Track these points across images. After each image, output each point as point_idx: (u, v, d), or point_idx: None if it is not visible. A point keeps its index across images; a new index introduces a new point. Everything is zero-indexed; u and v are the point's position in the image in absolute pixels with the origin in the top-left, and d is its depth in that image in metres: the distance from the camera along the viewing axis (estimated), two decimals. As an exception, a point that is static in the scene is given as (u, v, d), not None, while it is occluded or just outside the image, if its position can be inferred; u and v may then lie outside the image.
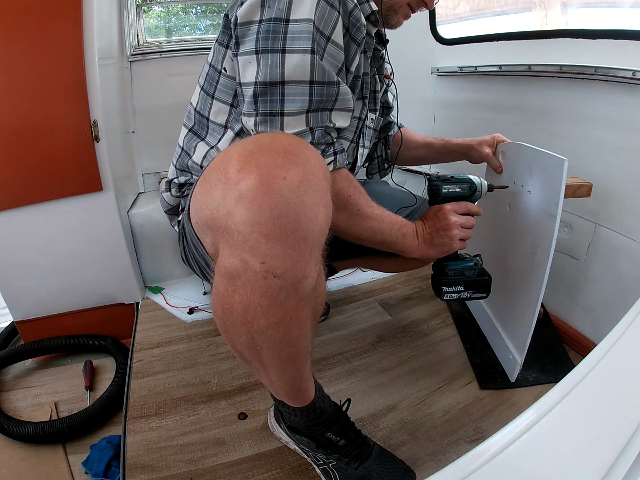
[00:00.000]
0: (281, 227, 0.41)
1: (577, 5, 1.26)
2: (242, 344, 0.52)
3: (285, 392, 0.64)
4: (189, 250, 0.73)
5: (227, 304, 0.48)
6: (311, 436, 0.72)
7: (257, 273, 0.43)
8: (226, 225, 0.43)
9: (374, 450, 0.74)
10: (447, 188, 0.79)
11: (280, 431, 0.81)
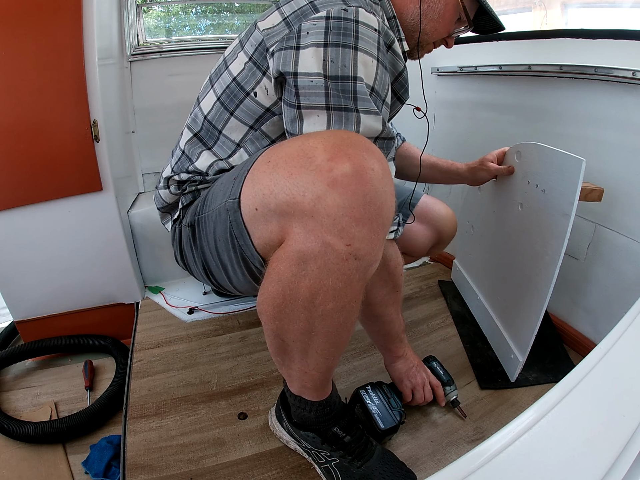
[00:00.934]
0: (370, 212, 0.46)
1: (577, 5, 1.26)
2: (295, 331, 0.55)
3: (315, 384, 0.66)
4: (189, 249, 0.72)
5: (291, 289, 0.50)
6: (318, 431, 0.73)
7: (340, 255, 0.47)
8: (313, 209, 0.45)
9: (376, 449, 0.74)
10: None
11: (281, 430, 0.81)
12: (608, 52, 0.98)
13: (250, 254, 0.57)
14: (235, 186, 0.56)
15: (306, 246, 0.47)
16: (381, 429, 0.78)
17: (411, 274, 1.54)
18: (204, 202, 0.67)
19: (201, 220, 0.66)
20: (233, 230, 0.57)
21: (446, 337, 1.16)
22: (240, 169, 0.59)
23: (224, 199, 0.59)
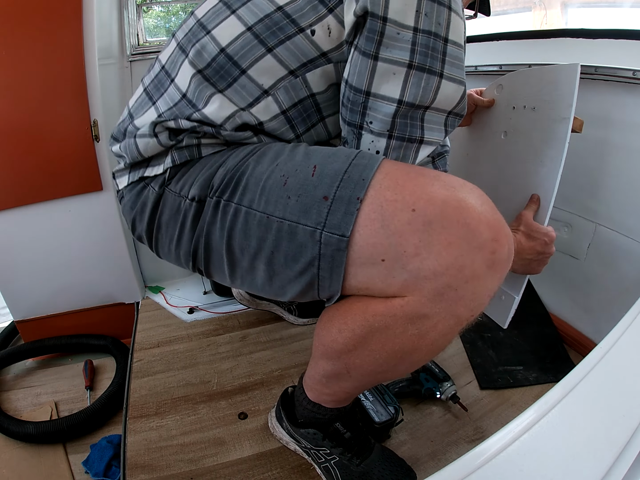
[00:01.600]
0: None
1: (577, 5, 1.26)
2: (371, 372, 0.56)
3: (348, 397, 0.69)
4: (178, 226, 0.57)
5: (396, 344, 0.50)
6: (320, 427, 0.73)
7: (461, 323, 0.49)
8: (463, 286, 0.44)
9: (375, 447, 0.75)
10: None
11: (281, 431, 0.81)
12: (608, 52, 0.98)
13: (327, 286, 0.49)
14: (334, 214, 0.45)
15: (432, 311, 0.46)
16: (377, 422, 0.79)
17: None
18: (237, 185, 0.52)
19: (232, 210, 0.51)
20: (319, 263, 0.47)
21: (446, 337, 1.16)
22: (333, 178, 0.47)
23: (306, 221, 0.46)
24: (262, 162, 0.52)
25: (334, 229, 0.45)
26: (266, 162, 0.52)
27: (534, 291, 1.27)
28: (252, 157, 0.54)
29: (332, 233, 0.45)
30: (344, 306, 0.53)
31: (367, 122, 0.54)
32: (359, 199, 0.44)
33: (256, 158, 0.53)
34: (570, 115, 0.76)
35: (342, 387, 0.63)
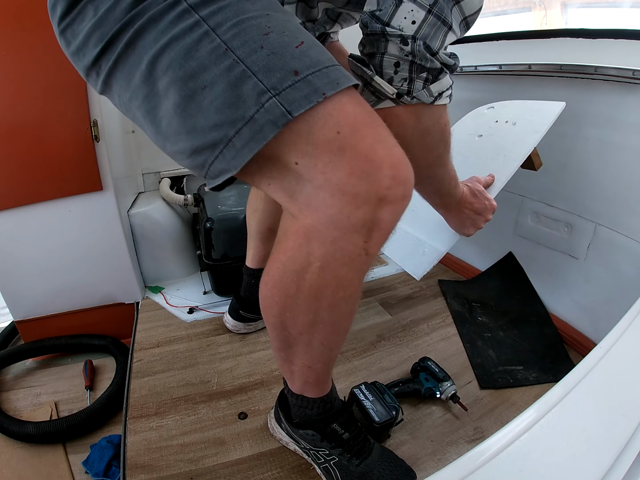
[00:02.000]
0: (391, 229, 0.49)
1: (577, 5, 1.26)
2: (304, 322, 0.53)
3: (317, 378, 0.65)
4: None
5: (304, 278, 0.49)
6: (317, 428, 0.72)
7: (357, 248, 0.47)
8: (356, 213, 0.46)
9: (374, 447, 0.74)
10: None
11: (280, 432, 0.81)
12: (608, 52, 0.98)
13: (230, 156, 0.43)
14: (295, 90, 0.40)
15: (328, 237, 0.45)
16: (377, 422, 0.78)
17: (411, 274, 1.54)
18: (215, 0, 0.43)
19: (192, 20, 0.42)
20: (244, 126, 0.41)
21: (446, 337, 1.16)
22: (313, 63, 0.42)
23: (264, 78, 0.41)
24: (254, 1, 0.45)
25: (285, 102, 0.40)
26: (258, 3, 0.45)
27: (534, 291, 1.27)
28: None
29: (282, 104, 0.40)
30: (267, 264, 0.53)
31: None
32: (324, 94, 0.41)
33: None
34: (544, 131, 0.87)
35: (302, 361, 0.61)
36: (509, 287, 1.33)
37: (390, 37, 0.53)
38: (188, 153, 0.46)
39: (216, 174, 0.45)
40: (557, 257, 1.20)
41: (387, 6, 0.52)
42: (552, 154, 1.18)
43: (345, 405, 0.77)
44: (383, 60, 0.55)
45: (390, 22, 0.52)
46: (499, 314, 1.26)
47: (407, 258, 0.98)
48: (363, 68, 0.57)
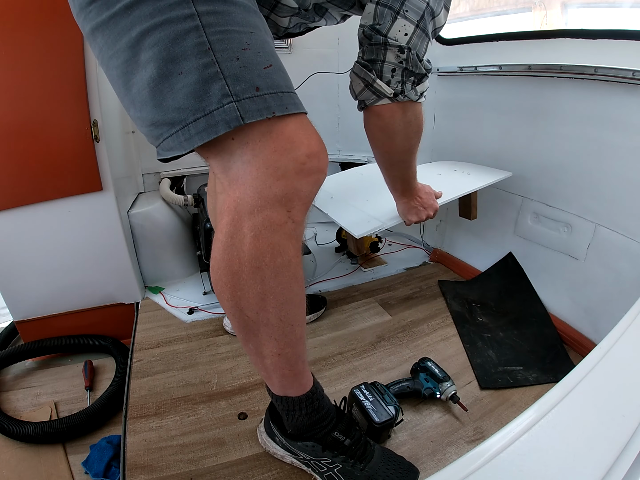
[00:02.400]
0: (310, 200, 0.55)
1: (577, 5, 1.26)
2: (255, 296, 0.55)
3: (292, 367, 0.64)
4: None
5: (242, 250, 0.52)
6: (317, 438, 0.71)
7: (282, 218, 0.52)
8: (276, 184, 0.51)
9: (375, 449, 0.74)
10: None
11: (274, 446, 0.78)
12: (608, 52, 0.98)
13: (182, 138, 0.48)
14: (252, 103, 0.47)
15: (255, 206, 0.50)
16: (377, 422, 0.78)
17: (411, 274, 1.54)
18: None
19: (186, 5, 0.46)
20: (202, 117, 0.47)
21: (446, 337, 1.16)
22: (274, 85, 0.49)
23: (232, 84, 0.46)
24: (244, 17, 0.50)
25: (242, 109, 0.47)
26: (247, 20, 0.50)
27: (534, 291, 1.27)
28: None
29: (238, 110, 0.46)
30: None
31: (403, 10, 0.69)
32: (274, 113, 0.48)
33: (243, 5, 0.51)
34: (486, 183, 1.21)
35: (269, 348, 0.60)
36: (509, 287, 1.33)
37: (390, 47, 0.71)
38: (148, 123, 0.51)
39: (167, 148, 0.51)
40: (557, 257, 1.21)
41: (386, 21, 0.69)
42: (552, 154, 1.19)
43: (341, 410, 0.76)
44: (383, 66, 0.73)
45: (388, 35, 0.70)
46: (499, 315, 1.26)
47: (352, 222, 1.08)
48: (367, 72, 0.74)
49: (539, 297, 1.25)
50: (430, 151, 1.66)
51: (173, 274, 1.47)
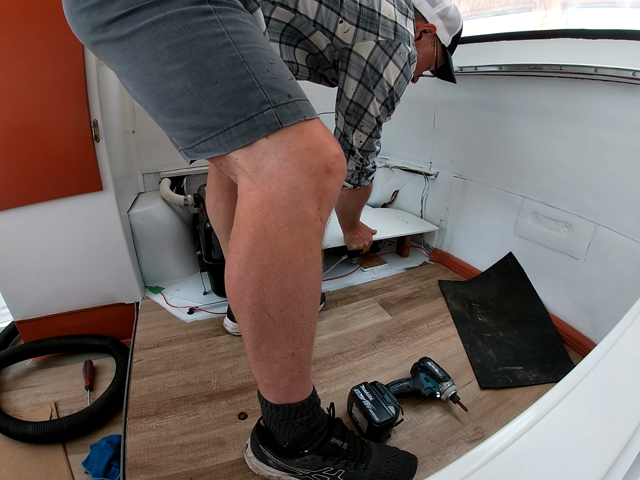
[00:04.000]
0: (333, 203, 0.60)
1: (577, 5, 1.26)
2: (283, 293, 0.55)
3: (302, 368, 0.63)
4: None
5: (276, 244, 0.53)
6: (314, 448, 0.70)
7: (314, 214, 0.56)
8: (310, 180, 0.54)
9: (371, 446, 0.75)
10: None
11: (268, 469, 0.74)
12: (608, 52, 0.98)
13: (221, 142, 0.52)
14: (288, 108, 0.52)
15: (287, 201, 0.52)
16: (377, 422, 0.78)
17: (411, 274, 1.54)
18: (235, 14, 0.54)
19: (213, 19, 0.51)
20: (242, 122, 0.51)
21: (446, 337, 1.16)
22: (300, 92, 0.55)
23: (268, 93, 0.51)
24: (265, 39, 0.57)
25: (279, 114, 0.51)
26: (267, 42, 0.57)
27: (534, 291, 1.27)
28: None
29: (276, 115, 0.51)
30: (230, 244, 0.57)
31: (360, 125, 0.97)
32: (305, 117, 0.53)
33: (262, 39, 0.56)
34: (417, 231, 1.65)
35: (284, 349, 0.59)
36: (509, 287, 1.33)
37: (353, 157, 1.04)
38: (184, 127, 0.54)
39: (203, 150, 0.54)
40: (557, 257, 1.21)
41: (347, 130, 0.99)
42: (552, 154, 1.19)
43: (332, 416, 0.75)
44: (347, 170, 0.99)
45: (353, 144, 1.01)
46: (499, 314, 1.26)
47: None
48: None
49: (539, 297, 1.25)
50: (430, 151, 1.66)
51: (173, 273, 1.47)
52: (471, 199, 1.51)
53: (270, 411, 0.68)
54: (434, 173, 1.65)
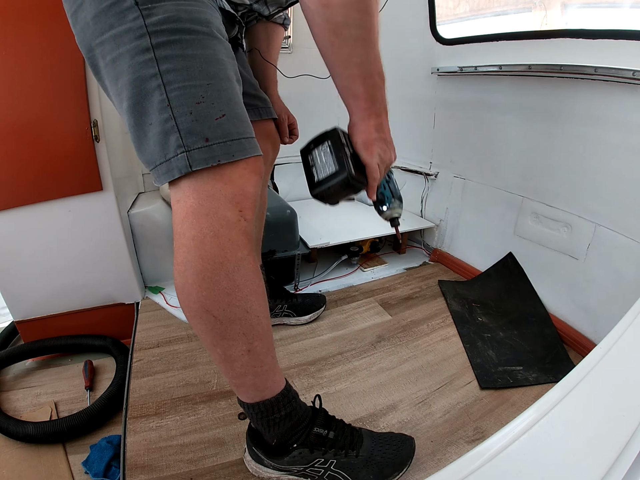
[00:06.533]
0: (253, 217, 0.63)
1: (577, 5, 1.26)
2: (222, 293, 0.58)
3: (262, 363, 0.64)
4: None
5: (205, 249, 0.57)
6: (301, 442, 0.70)
7: (235, 215, 0.59)
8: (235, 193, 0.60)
9: (363, 432, 0.75)
10: None
11: (266, 470, 0.75)
12: (608, 52, 0.98)
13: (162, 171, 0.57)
14: (201, 153, 0.55)
15: (206, 208, 0.56)
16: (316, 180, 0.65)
17: (411, 274, 1.54)
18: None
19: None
20: (165, 161, 0.56)
21: (446, 337, 1.16)
22: (224, 134, 0.56)
23: (187, 139, 0.55)
24: (203, 69, 0.57)
25: (190, 159, 0.55)
26: (207, 71, 0.57)
27: (534, 291, 1.27)
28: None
29: (188, 159, 0.55)
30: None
31: None
32: (219, 161, 0.55)
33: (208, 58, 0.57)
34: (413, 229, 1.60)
35: (238, 347, 0.61)
36: (509, 287, 1.33)
37: None
38: (139, 157, 0.60)
39: (154, 179, 0.60)
40: (557, 257, 1.21)
41: None
42: (552, 154, 1.19)
43: (314, 408, 0.74)
44: None
45: None
46: (499, 315, 1.26)
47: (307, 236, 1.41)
48: None
49: (539, 297, 1.25)
50: (430, 151, 1.66)
51: (173, 274, 1.47)
52: (471, 199, 1.51)
53: (249, 411, 0.68)
54: (434, 173, 1.65)
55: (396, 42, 1.66)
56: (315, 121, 1.98)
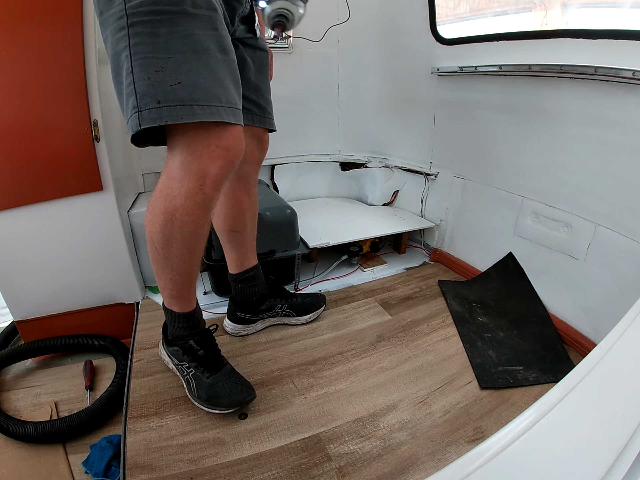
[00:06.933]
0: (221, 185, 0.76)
1: (577, 5, 1.26)
2: (161, 238, 0.76)
3: (179, 290, 0.85)
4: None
5: (172, 206, 0.73)
6: (181, 345, 0.91)
7: (196, 187, 0.73)
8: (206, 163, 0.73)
9: (225, 367, 0.92)
10: None
11: (164, 353, 0.99)
12: (608, 52, 0.98)
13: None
14: (151, 113, 0.64)
15: (180, 174, 0.71)
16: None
17: (411, 274, 1.54)
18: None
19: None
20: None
21: (446, 337, 1.16)
22: (178, 99, 0.64)
23: (143, 102, 0.64)
24: (168, 44, 0.64)
25: (141, 118, 0.65)
26: (172, 46, 0.64)
27: (534, 291, 1.27)
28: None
29: (139, 119, 0.65)
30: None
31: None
32: (166, 122, 0.65)
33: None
34: (412, 229, 1.62)
35: (165, 274, 0.81)
36: (509, 287, 1.33)
37: None
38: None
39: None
40: (557, 257, 1.21)
41: None
42: (552, 154, 1.19)
43: (207, 330, 0.95)
44: None
45: None
46: (499, 315, 1.26)
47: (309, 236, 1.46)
48: None
49: (539, 297, 1.25)
50: (430, 151, 1.66)
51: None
52: (471, 199, 1.51)
53: (164, 309, 0.92)
54: (434, 173, 1.65)
55: (396, 42, 1.66)
56: (316, 121, 1.98)
